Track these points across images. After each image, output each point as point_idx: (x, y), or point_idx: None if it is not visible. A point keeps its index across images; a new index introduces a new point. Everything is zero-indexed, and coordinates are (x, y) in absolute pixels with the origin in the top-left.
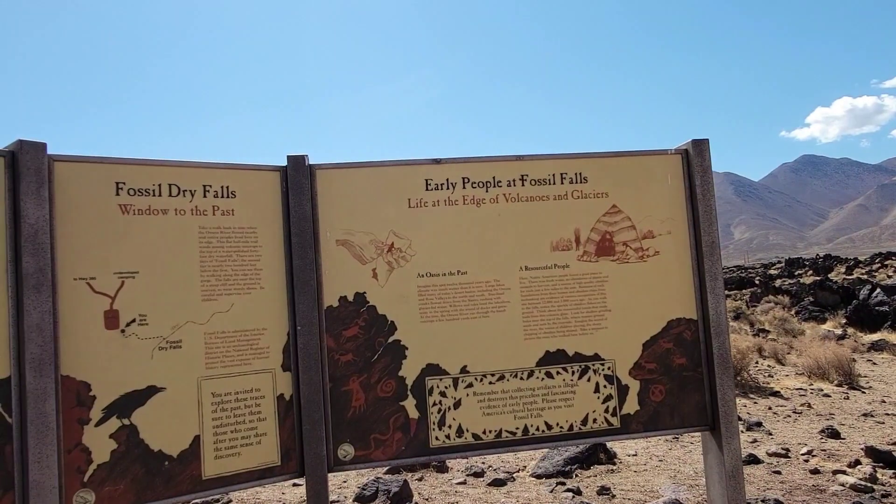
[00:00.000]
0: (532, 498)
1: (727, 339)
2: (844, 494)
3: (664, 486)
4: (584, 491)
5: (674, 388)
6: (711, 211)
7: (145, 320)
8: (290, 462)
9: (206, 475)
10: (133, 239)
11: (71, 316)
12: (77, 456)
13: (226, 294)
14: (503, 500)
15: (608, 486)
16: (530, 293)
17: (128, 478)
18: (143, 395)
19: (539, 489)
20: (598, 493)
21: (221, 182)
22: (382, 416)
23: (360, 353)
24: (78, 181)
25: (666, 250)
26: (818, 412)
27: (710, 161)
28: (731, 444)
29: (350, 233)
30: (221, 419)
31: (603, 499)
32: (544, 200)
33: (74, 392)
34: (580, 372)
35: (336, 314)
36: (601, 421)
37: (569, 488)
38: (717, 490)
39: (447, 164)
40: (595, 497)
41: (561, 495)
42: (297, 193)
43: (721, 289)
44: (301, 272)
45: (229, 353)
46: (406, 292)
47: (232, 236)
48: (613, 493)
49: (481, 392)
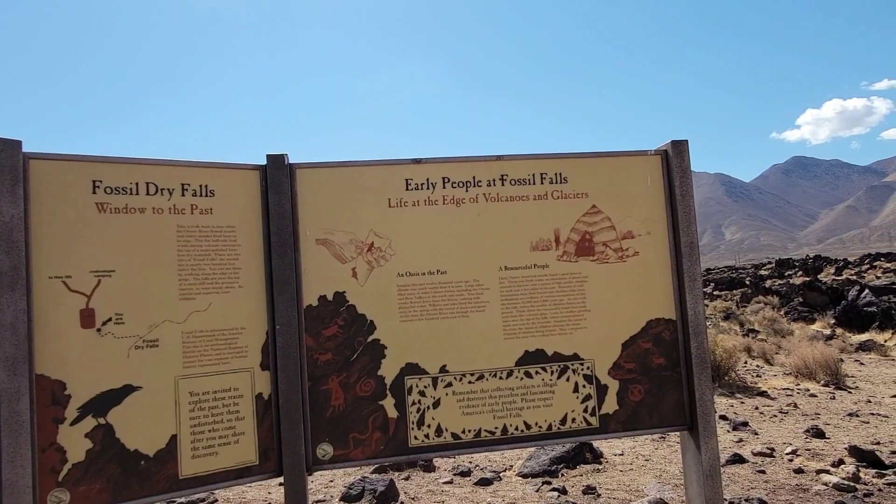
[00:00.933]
0: (518, 497)
1: (705, 340)
2: (827, 494)
3: (649, 486)
4: (570, 490)
5: (652, 388)
6: (691, 212)
7: (122, 319)
8: (269, 461)
9: (183, 474)
10: (110, 237)
11: (46, 315)
12: (51, 455)
13: (204, 293)
14: (489, 499)
15: (594, 486)
16: (510, 293)
17: (103, 477)
18: (119, 394)
19: (525, 488)
20: (584, 493)
21: (200, 181)
22: (361, 416)
23: (340, 353)
24: (54, 179)
25: (645, 251)
26: (804, 412)
27: (690, 162)
28: (708, 443)
29: (330, 232)
30: (199, 418)
31: (588, 498)
32: (524, 200)
33: (49, 391)
34: (559, 372)
35: (315, 313)
36: (580, 420)
37: (554, 487)
38: (695, 489)
39: (427, 163)
40: (580, 496)
41: (546, 494)
42: (277, 192)
43: (700, 289)
44: (280, 271)
45: (207, 352)
46: (386, 292)
47: (210, 235)
48: (599, 493)
49: (460, 391)
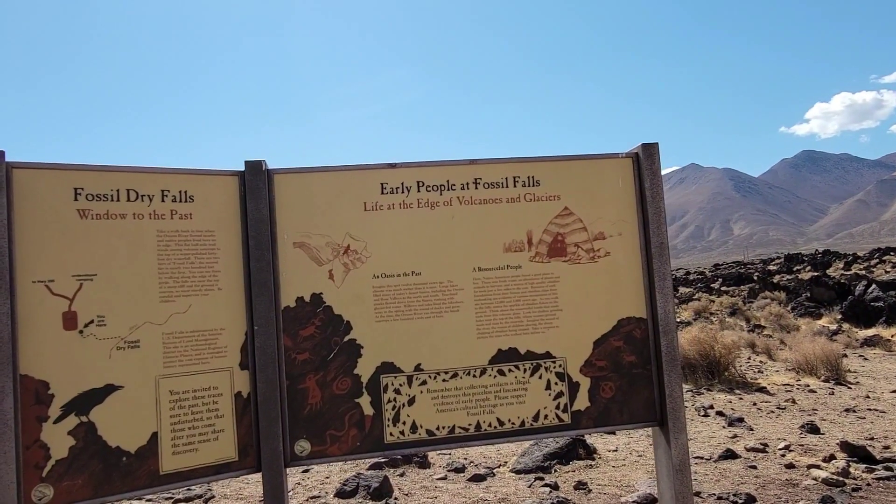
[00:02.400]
0: (510, 493)
1: (675, 338)
2: (816, 488)
3: (640, 481)
4: (562, 486)
5: (623, 385)
6: (661, 213)
7: (103, 321)
8: (248, 458)
9: (164, 470)
10: (91, 242)
11: (29, 317)
12: (35, 452)
13: (184, 295)
14: (482, 494)
15: (585, 481)
16: (483, 293)
17: (86, 473)
18: (101, 393)
19: (518, 484)
20: (575, 488)
21: (180, 187)
22: (338, 413)
23: (317, 352)
24: (36, 187)
25: (616, 251)
26: (801, 408)
27: (660, 164)
28: (678, 439)
29: (307, 235)
30: (179, 416)
31: (579, 493)
32: (497, 203)
33: (33, 391)
34: (532, 369)
35: (293, 314)
36: (552, 417)
37: (546, 483)
38: (665, 483)
39: (402, 168)
40: (572, 491)
41: (538, 490)
42: (255, 197)
43: (670, 289)
44: (258, 274)
45: (187, 352)
46: (362, 293)
47: (190, 239)
48: (590, 488)
49: (435, 389)
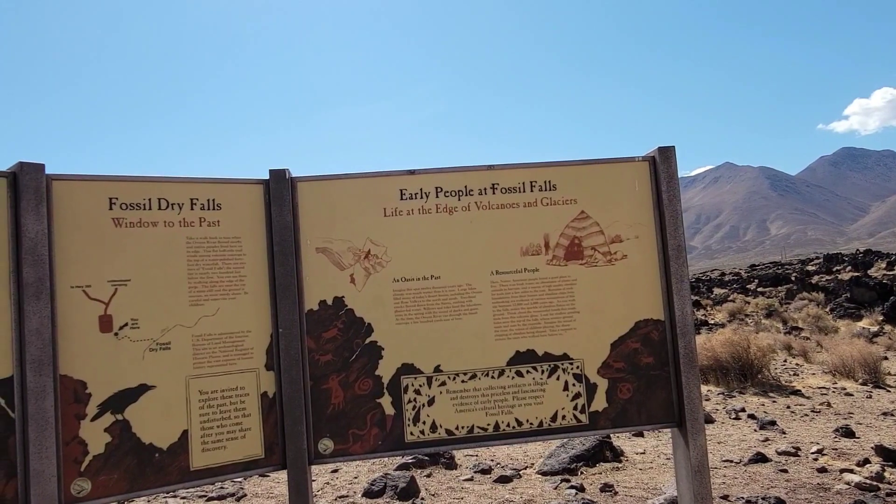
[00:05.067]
0: (536, 494)
1: (693, 339)
2: (848, 493)
3: (667, 484)
4: (588, 488)
5: (641, 386)
6: (678, 215)
7: (137, 324)
8: (274, 455)
9: (194, 466)
10: (125, 250)
11: (68, 320)
12: (74, 448)
13: (212, 299)
14: (507, 495)
15: (611, 484)
16: (501, 296)
17: (121, 468)
18: (135, 392)
19: (544, 486)
20: (601, 490)
21: (208, 195)
22: (360, 413)
23: (339, 354)
24: (74, 198)
25: (633, 254)
26: (837, 411)
27: (676, 167)
28: (696, 440)
29: (329, 241)
30: (208, 415)
31: (605, 495)
32: (514, 208)
33: (72, 390)
34: (549, 371)
35: (316, 317)
36: (570, 418)
37: (572, 485)
38: (684, 484)
39: (421, 174)
40: (598, 494)
41: (564, 492)
42: (279, 204)
43: (687, 291)
44: (283, 278)
45: (216, 353)
46: (382, 296)
47: (218, 246)
48: (616, 490)
49: (454, 390)
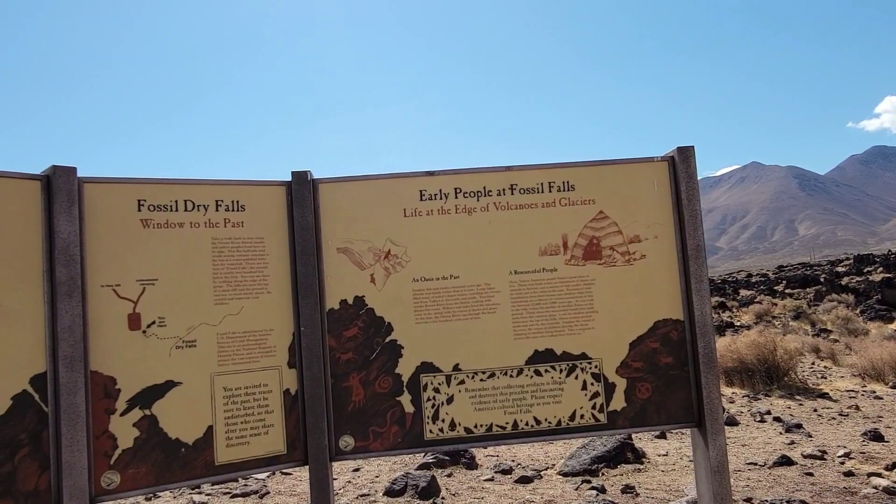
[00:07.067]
0: (556, 495)
1: (712, 340)
2: (876, 497)
3: (690, 486)
4: (609, 489)
5: (660, 386)
6: (697, 216)
7: (164, 322)
8: (296, 451)
9: (219, 461)
10: (153, 250)
11: (98, 318)
12: (104, 441)
13: (236, 298)
14: (528, 496)
15: (633, 485)
16: (519, 296)
17: (149, 462)
18: (162, 388)
19: (564, 486)
20: (622, 492)
21: (232, 197)
22: (380, 410)
23: (360, 352)
24: (104, 200)
25: (652, 254)
26: (865, 414)
27: (696, 167)
28: (716, 440)
29: (349, 241)
30: (232, 411)
31: (626, 497)
32: (533, 208)
33: (102, 385)
34: (568, 370)
35: (337, 316)
36: (588, 417)
37: (593, 486)
38: (704, 485)
39: (440, 175)
40: (619, 495)
41: (585, 493)
42: (301, 206)
43: (706, 291)
44: (304, 278)
45: (239, 351)
46: (402, 296)
47: (241, 246)
48: (637, 492)
49: (473, 388)
